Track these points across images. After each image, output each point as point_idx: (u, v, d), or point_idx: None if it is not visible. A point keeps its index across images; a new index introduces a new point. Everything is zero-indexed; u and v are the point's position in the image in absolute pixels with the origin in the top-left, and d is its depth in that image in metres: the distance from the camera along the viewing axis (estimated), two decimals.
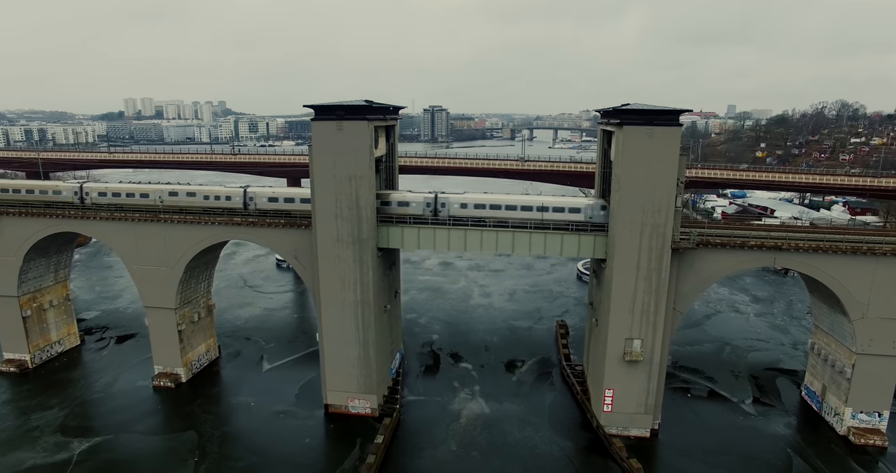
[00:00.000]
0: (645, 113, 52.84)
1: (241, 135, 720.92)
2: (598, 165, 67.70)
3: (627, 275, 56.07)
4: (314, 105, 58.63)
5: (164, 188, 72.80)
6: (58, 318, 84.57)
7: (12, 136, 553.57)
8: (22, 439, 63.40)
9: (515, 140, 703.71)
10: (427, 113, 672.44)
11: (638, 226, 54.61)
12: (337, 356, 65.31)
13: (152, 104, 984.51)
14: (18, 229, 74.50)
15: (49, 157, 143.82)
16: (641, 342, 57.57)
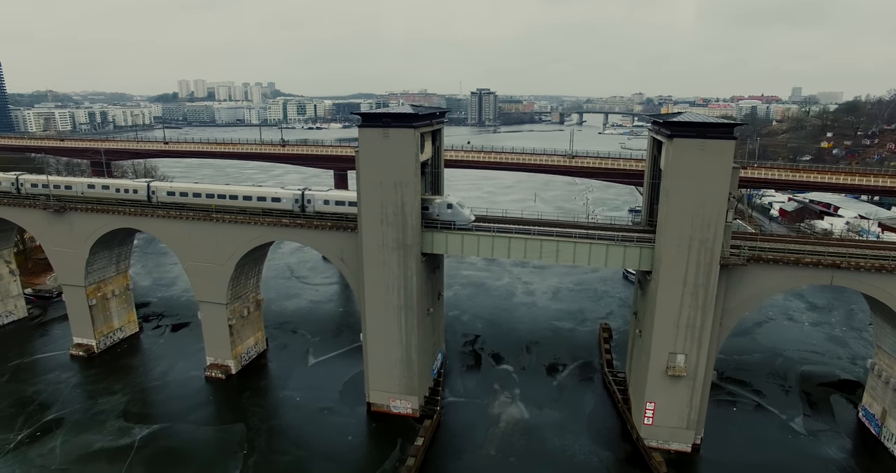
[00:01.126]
0: (697, 125, 51.81)
1: (290, 117, 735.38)
2: (647, 173, 66.80)
3: (673, 290, 55.60)
4: (361, 112, 60.03)
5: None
6: (119, 307, 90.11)
7: (78, 119, 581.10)
8: (90, 422, 68.64)
9: (565, 124, 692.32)
10: (475, 96, 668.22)
11: (686, 241, 53.93)
12: (380, 357, 67.46)
13: (204, 86, 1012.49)
14: (85, 224, 79.49)
15: (110, 147, 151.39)
16: (685, 357, 57.18)
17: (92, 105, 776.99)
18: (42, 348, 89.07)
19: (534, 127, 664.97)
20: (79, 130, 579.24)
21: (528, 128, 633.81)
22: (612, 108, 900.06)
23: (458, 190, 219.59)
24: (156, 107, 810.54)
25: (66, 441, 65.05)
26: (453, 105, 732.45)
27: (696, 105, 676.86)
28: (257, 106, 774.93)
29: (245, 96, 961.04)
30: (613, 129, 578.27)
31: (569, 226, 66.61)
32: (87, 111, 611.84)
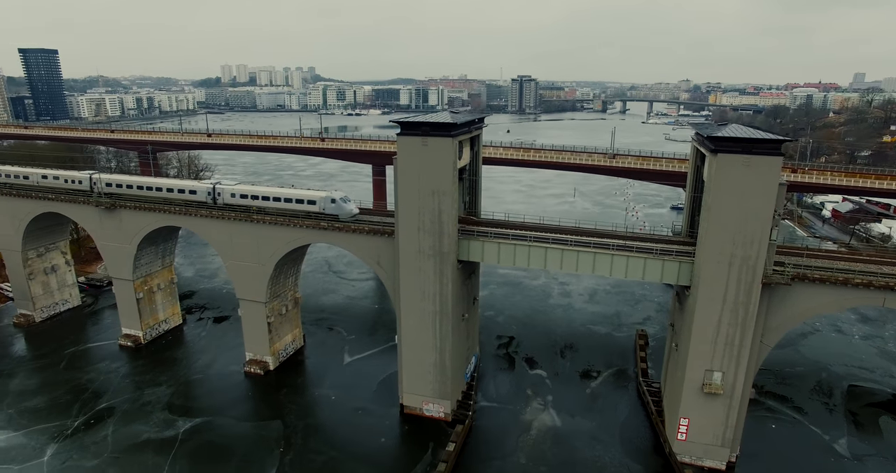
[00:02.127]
0: (742, 141, 50.67)
1: (329, 102, 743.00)
2: (689, 183, 65.70)
3: (712, 307, 54.95)
4: (400, 121, 60.76)
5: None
6: (164, 300, 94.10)
7: (126, 105, 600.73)
8: (138, 412, 72.48)
9: (607, 112, 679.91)
10: (515, 83, 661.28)
11: (726, 258, 53.11)
12: (414, 361, 68.89)
13: (246, 71, 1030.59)
14: (134, 222, 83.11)
15: (156, 139, 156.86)
16: (722, 375, 56.60)
17: (139, 89, 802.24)
18: (94, 337, 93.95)
19: (575, 115, 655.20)
20: (127, 115, 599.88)
21: (569, 117, 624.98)
22: (656, 96, 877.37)
23: (497, 182, 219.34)
24: (199, 92, 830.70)
25: (117, 430, 68.92)
26: (493, 92, 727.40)
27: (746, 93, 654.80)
28: (297, 91, 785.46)
29: (286, 81, 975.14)
30: (657, 118, 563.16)
31: (606, 235, 66.22)
32: (134, 97, 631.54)
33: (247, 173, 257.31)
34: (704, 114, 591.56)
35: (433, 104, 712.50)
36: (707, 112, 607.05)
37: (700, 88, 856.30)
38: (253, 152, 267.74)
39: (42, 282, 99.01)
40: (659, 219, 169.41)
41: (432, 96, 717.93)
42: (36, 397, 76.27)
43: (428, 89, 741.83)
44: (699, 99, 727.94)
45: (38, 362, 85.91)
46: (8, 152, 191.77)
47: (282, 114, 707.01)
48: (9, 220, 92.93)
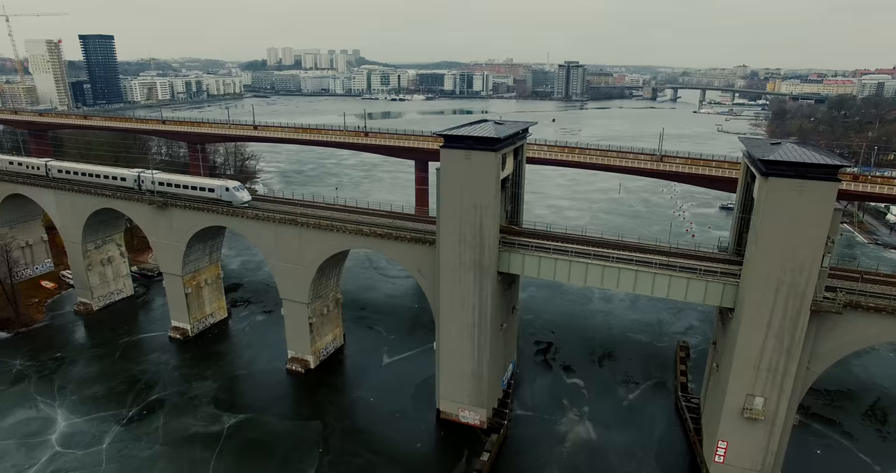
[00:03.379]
0: (796, 165, 49.39)
1: (374, 87, 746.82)
2: (738, 198, 64.35)
3: (756, 332, 54.16)
4: (444, 134, 61.42)
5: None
6: (211, 294, 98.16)
7: (176, 88, 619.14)
8: (186, 406, 76.51)
9: (657, 100, 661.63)
10: (562, 69, 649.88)
11: (773, 283, 52.15)
12: (451, 369, 70.30)
13: (291, 53, 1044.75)
14: (184, 221, 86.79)
15: (205, 131, 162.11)
16: (764, 401, 55.89)
17: (188, 72, 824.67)
18: (146, 328, 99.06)
19: (623, 102, 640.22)
20: (176, 99, 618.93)
21: (616, 105, 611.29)
22: (710, 83, 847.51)
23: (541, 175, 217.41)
24: (245, 76, 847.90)
25: (167, 422, 73.02)
26: (539, 78, 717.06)
27: (808, 81, 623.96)
28: (342, 75, 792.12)
29: (330, 64, 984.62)
30: (710, 108, 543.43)
31: (650, 250, 65.65)
32: (183, 81, 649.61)
33: (290, 161, 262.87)
34: (761, 104, 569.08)
35: (477, 90, 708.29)
36: (764, 101, 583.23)
37: (757, 75, 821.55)
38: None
39: (99, 273, 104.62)
40: (707, 219, 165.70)
41: (477, 82, 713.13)
42: (95, 385, 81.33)
43: (472, 74, 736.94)
44: (756, 86, 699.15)
45: (96, 350, 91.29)
46: (68, 135, 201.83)
47: (326, 98, 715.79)
48: (71, 215, 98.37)
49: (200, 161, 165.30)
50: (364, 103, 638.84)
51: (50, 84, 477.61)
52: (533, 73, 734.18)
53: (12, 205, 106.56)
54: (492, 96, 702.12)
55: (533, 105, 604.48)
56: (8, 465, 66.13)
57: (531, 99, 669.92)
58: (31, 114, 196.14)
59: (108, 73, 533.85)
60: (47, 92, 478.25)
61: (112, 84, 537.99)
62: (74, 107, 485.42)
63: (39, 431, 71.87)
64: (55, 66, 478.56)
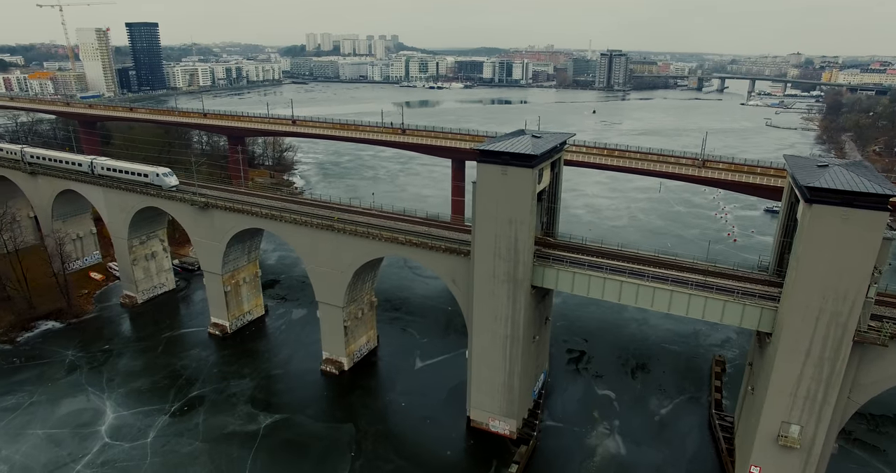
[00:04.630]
0: (843, 193, 48.34)
1: (412, 74, 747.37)
2: (781, 218, 63.22)
3: (793, 359, 53.55)
4: (482, 149, 62.00)
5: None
6: (249, 292, 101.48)
7: (217, 74, 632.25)
8: (225, 403, 79.86)
9: (703, 91, 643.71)
10: (604, 58, 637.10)
11: (814, 311, 51.41)
12: (483, 379, 71.50)
13: (330, 39, 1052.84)
14: (225, 222, 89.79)
15: (245, 126, 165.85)
16: (801, 429, 55.37)
17: (229, 58, 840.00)
18: (187, 322, 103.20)
19: (667, 93, 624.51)
20: (217, 85, 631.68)
21: (660, 95, 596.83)
22: (760, 72, 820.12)
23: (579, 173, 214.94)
24: (284, 62, 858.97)
25: (207, 419, 76.44)
26: (580, 66, 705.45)
27: (869, 70, 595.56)
28: (380, 62, 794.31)
29: (369, 50, 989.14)
30: (759, 99, 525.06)
31: (686, 268, 65.29)
32: (224, 67, 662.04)
33: (328, 152, 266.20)
34: (815, 95, 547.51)
35: (517, 78, 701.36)
36: (818, 92, 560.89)
37: (812, 63, 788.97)
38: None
39: (143, 268, 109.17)
40: (750, 222, 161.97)
41: (516, 70, 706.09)
42: (140, 379, 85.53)
43: (512, 62, 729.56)
44: (810, 76, 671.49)
45: (140, 344, 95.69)
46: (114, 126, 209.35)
47: (364, 85, 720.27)
48: (118, 212, 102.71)
49: (239, 154, 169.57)
50: (402, 91, 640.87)
51: (98, 71, 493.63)
52: (574, 62, 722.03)
53: (65, 199, 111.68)
54: (531, 85, 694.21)
55: (573, 95, 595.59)
56: (64, 453, 70.60)
57: (571, 88, 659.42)
58: (81, 106, 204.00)
59: (152, 59, 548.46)
60: (96, 79, 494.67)
61: (156, 70, 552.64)
62: (120, 93, 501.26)
63: (90, 422, 76.24)
64: (103, 54, 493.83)
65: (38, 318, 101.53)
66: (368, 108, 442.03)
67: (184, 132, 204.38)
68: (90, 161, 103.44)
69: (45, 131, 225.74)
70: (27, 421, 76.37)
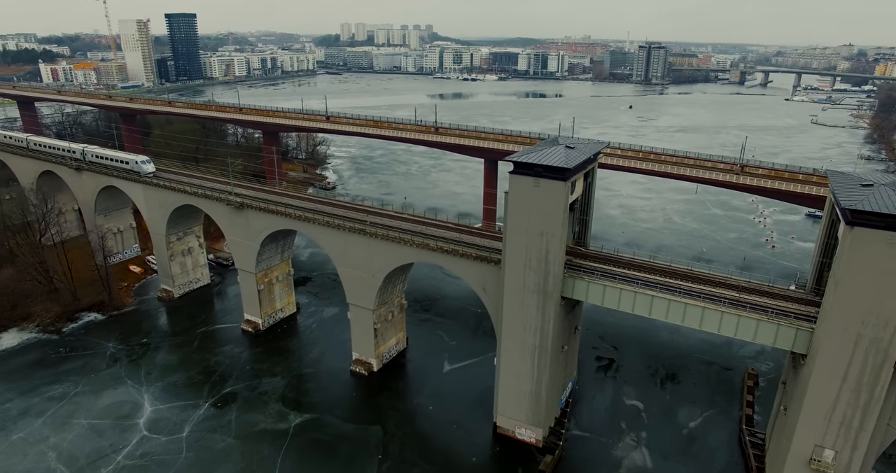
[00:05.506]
0: (888, 217, 47.23)
1: (446, 65, 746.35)
2: (821, 236, 62.02)
3: (829, 383, 52.78)
4: (514, 160, 62.31)
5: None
6: (281, 290, 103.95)
7: (252, 65, 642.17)
8: (256, 401, 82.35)
9: (745, 85, 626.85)
10: (643, 50, 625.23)
11: (852, 336, 50.56)
12: (510, 387, 72.23)
13: (364, 29, 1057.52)
14: (259, 222, 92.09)
15: (277, 121, 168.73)
16: (835, 454, 54.66)
17: (264, 47, 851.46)
18: (221, 318, 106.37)
19: (707, 87, 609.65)
20: (252, 75, 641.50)
21: (700, 89, 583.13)
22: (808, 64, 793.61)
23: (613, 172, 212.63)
24: (319, 52, 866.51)
25: (239, 416, 79.03)
26: (617, 59, 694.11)
27: None
28: (414, 53, 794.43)
29: (403, 40, 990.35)
30: (805, 94, 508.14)
31: (720, 283, 64.61)
32: (259, 57, 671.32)
33: (361, 146, 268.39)
34: (866, 90, 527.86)
35: (552, 70, 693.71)
36: (870, 87, 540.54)
37: (865, 55, 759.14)
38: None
39: (180, 263, 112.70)
40: (790, 227, 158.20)
41: (552, 62, 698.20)
42: (176, 373, 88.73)
43: (548, 54, 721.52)
44: (862, 69, 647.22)
45: (176, 338, 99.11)
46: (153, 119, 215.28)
47: (397, 76, 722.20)
48: (157, 208, 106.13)
49: (275, 153, 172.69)
50: (435, 83, 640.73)
51: (138, 62, 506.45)
52: (611, 54, 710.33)
53: (107, 195, 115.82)
54: (566, 78, 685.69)
55: (609, 88, 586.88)
56: (106, 444, 74.04)
57: (608, 81, 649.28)
58: (122, 100, 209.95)
59: (189, 49, 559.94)
60: (136, 69, 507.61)
61: (193, 61, 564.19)
62: (158, 83, 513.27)
63: (130, 414, 79.62)
64: (143, 45, 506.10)
65: (82, 310, 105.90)
66: (401, 101, 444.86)
67: (220, 124, 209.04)
68: (82, 148, 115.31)
69: (89, 122, 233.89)
70: (73, 411, 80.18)
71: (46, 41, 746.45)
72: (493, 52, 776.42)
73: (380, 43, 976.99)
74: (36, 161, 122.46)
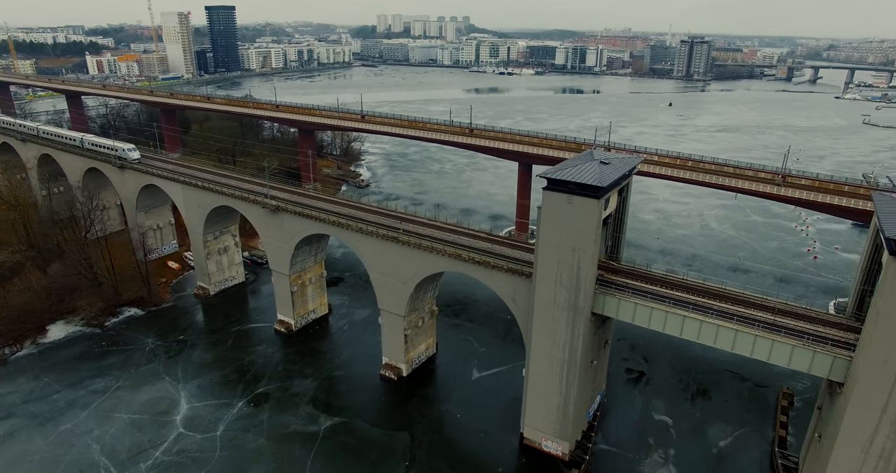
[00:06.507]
0: None
1: (482, 59, 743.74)
2: (864, 259, 60.87)
3: (867, 416, 52.04)
4: (548, 177, 62.72)
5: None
6: (314, 291, 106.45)
7: (289, 56, 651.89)
8: (288, 402, 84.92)
9: (793, 81, 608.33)
10: (685, 45, 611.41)
11: (893, 368, 49.80)
12: (538, 400, 73.01)
13: (401, 20, 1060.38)
14: (294, 225, 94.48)
15: (313, 120, 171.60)
16: None
17: (301, 38, 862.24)
18: (255, 317, 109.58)
19: (752, 84, 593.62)
20: (289, 67, 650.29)
21: (743, 86, 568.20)
22: (862, 59, 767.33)
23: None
24: (355, 44, 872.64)
25: (271, 417, 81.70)
26: (658, 53, 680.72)
27: None
28: (450, 46, 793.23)
29: (439, 32, 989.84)
30: (858, 92, 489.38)
31: (754, 304, 64.02)
32: (296, 49, 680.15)
33: (395, 143, 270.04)
34: None
35: (590, 65, 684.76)
36: None
37: None
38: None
39: (216, 261, 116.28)
40: (835, 237, 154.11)
41: (590, 56, 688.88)
42: (211, 371, 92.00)
43: (586, 48, 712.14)
44: None
45: (212, 336, 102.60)
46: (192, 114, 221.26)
47: (433, 69, 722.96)
48: (195, 208, 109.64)
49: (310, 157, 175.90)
50: (471, 77, 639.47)
51: (179, 54, 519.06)
52: (651, 49, 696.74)
53: (147, 193, 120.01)
54: (605, 72, 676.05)
55: (649, 84, 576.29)
56: (145, 439, 77.58)
57: (648, 77, 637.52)
58: (163, 95, 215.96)
59: (228, 41, 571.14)
60: (176, 61, 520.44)
61: (231, 52, 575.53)
62: (197, 75, 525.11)
63: (168, 410, 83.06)
64: (184, 37, 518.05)
65: (123, 305, 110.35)
66: (437, 95, 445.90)
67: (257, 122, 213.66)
68: (80, 137, 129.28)
69: (131, 116, 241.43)
70: (114, 405, 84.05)
71: (93, 32, 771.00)
72: (530, 45, 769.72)
73: (416, 35, 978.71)
74: (82, 158, 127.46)
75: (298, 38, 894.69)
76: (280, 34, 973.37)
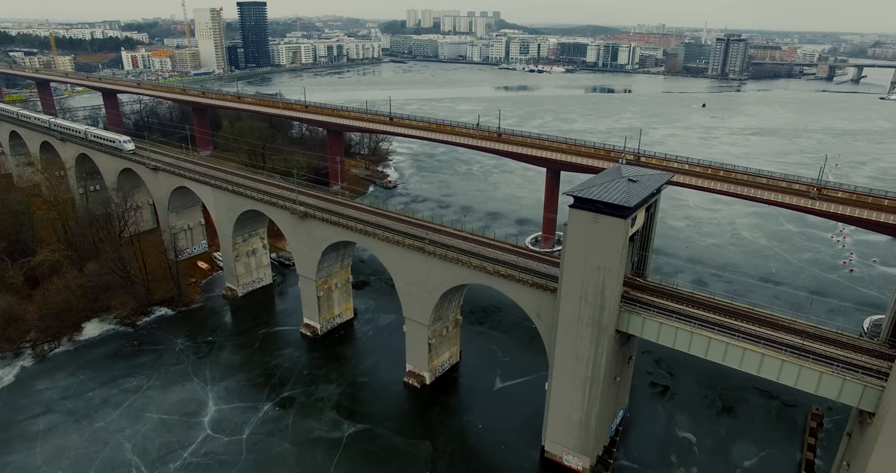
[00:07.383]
0: None
1: (512, 56, 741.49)
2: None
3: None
4: (575, 194, 63.12)
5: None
6: (340, 297, 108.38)
7: (318, 52, 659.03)
8: (312, 407, 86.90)
9: (834, 81, 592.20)
10: (720, 43, 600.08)
11: None
12: (560, 414, 73.59)
13: (430, 16, 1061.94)
14: (321, 232, 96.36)
15: (343, 122, 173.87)
16: None
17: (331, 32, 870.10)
18: (281, 320, 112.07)
19: (790, 83, 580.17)
20: (318, 62, 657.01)
21: (781, 86, 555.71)
22: None
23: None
24: (384, 39, 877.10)
25: (296, 422, 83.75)
26: (692, 51, 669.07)
27: None
28: (479, 43, 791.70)
29: (469, 28, 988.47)
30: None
31: (782, 326, 63.55)
32: (325, 45, 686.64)
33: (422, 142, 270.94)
34: None
35: (622, 63, 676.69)
36: None
37: None
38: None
39: (244, 263, 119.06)
40: (872, 249, 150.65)
41: (622, 54, 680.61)
42: (238, 374, 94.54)
43: (618, 46, 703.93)
44: None
45: (239, 338, 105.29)
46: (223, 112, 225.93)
47: (462, 66, 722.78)
48: (225, 211, 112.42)
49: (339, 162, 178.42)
50: (500, 74, 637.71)
51: (210, 49, 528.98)
52: (686, 46, 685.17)
53: (179, 194, 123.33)
54: (637, 71, 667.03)
55: (682, 83, 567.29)
56: (174, 439, 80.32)
57: (681, 75, 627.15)
58: (195, 94, 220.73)
59: (258, 37, 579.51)
60: (208, 56, 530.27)
61: (261, 48, 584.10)
62: (228, 70, 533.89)
63: (196, 412, 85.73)
64: (216, 33, 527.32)
65: (154, 304, 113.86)
66: (466, 93, 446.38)
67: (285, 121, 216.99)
68: (84, 130, 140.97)
69: (164, 112, 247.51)
70: (145, 404, 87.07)
71: (128, 28, 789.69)
72: (560, 42, 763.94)
73: (446, 30, 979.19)
74: (117, 158, 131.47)
75: (328, 32, 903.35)
76: (310, 29, 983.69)
